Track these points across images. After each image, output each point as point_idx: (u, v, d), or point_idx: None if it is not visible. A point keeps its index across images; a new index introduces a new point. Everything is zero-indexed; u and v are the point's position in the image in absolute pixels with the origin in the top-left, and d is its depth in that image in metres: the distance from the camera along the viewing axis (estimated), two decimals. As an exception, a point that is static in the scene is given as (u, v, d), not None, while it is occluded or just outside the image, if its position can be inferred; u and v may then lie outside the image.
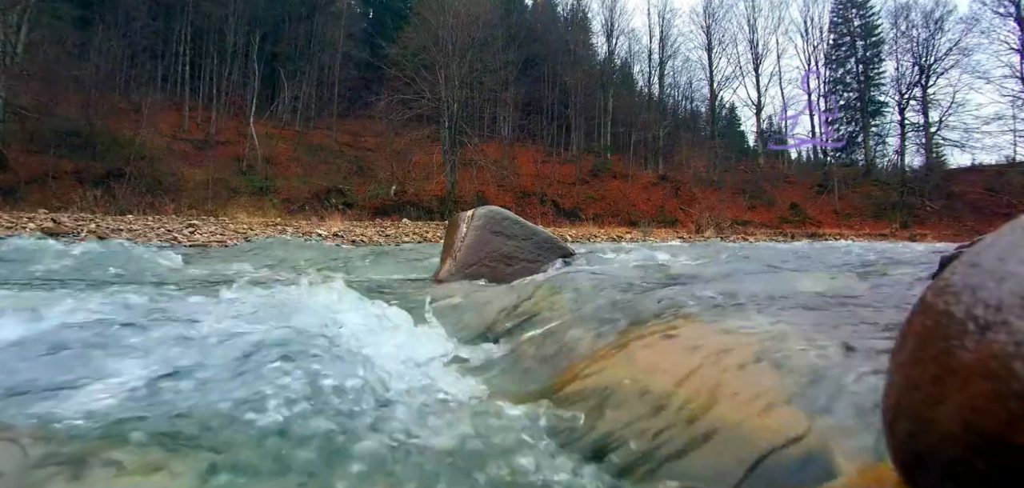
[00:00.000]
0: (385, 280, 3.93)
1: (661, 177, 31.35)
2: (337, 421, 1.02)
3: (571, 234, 16.10)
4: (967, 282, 0.48)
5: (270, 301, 1.99)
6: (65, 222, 10.05)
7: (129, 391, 1.12)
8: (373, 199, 23.24)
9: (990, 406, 0.41)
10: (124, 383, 1.16)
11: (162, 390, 1.13)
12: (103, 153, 19.95)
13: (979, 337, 0.44)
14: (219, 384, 1.15)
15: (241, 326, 1.60)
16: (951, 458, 0.44)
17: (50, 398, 1.07)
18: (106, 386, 1.14)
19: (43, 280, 3.33)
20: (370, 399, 1.16)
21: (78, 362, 1.27)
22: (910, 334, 0.52)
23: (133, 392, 1.12)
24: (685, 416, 0.96)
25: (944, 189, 28.51)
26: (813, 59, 35.41)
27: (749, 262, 4.03)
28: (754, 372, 1.02)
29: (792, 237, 20.22)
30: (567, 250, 3.79)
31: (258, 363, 1.26)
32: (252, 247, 7.22)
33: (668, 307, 1.62)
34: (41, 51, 20.09)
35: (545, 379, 1.39)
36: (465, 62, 25.09)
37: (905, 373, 0.50)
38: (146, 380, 1.17)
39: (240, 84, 28.71)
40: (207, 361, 1.29)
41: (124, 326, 1.57)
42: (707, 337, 1.23)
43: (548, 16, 38.58)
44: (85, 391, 1.11)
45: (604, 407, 1.09)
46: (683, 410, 0.97)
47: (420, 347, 1.74)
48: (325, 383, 1.19)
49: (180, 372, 1.22)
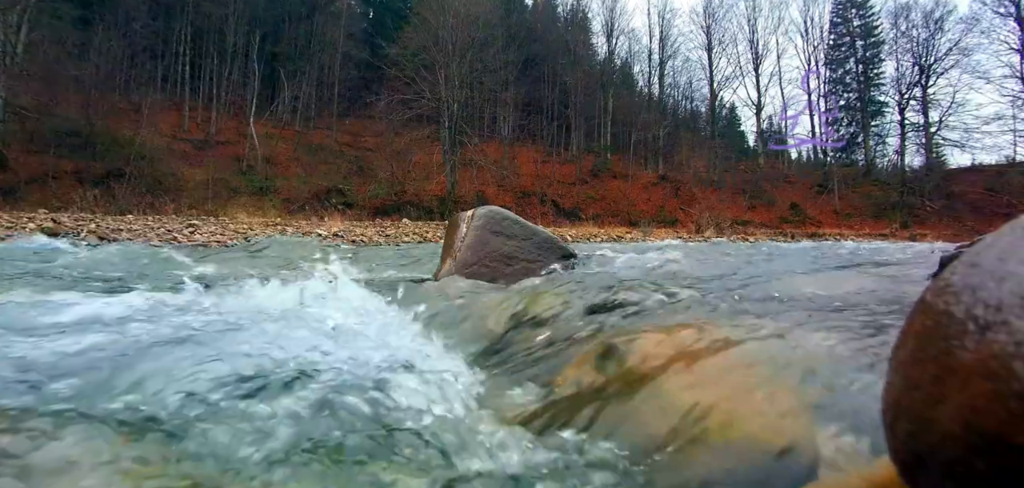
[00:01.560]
0: (385, 280, 3.93)
1: (661, 177, 31.37)
2: (337, 420, 1.02)
3: (571, 234, 16.11)
4: (967, 282, 0.48)
5: (246, 304, 1.99)
6: (65, 222, 10.05)
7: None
8: (373, 199, 23.25)
9: (990, 406, 0.41)
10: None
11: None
12: (103, 153, 19.97)
13: (979, 337, 0.44)
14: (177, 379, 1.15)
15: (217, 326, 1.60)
16: (951, 458, 0.44)
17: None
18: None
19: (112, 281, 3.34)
20: (370, 398, 1.15)
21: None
22: (910, 334, 0.52)
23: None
24: (685, 417, 0.96)
25: (944, 189, 28.54)
26: (813, 59, 35.48)
27: (749, 262, 4.04)
28: (755, 372, 1.02)
29: (792, 237, 20.22)
30: (567, 250, 3.79)
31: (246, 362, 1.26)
32: (251, 248, 7.23)
33: (668, 307, 1.62)
34: (41, 51, 20.11)
35: (544, 379, 1.39)
36: (465, 62, 25.11)
37: (905, 373, 0.50)
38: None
39: (240, 84, 28.74)
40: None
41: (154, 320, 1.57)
42: (708, 337, 1.23)
43: (548, 16, 38.62)
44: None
45: (603, 408, 1.09)
46: (683, 411, 0.97)
47: (419, 347, 1.74)
48: (324, 382, 1.19)
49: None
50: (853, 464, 0.75)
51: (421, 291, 2.74)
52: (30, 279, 3.33)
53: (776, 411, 0.89)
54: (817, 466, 0.77)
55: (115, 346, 1.43)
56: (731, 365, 1.06)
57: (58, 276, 3.61)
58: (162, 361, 1.28)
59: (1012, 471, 0.40)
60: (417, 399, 1.21)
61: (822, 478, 0.76)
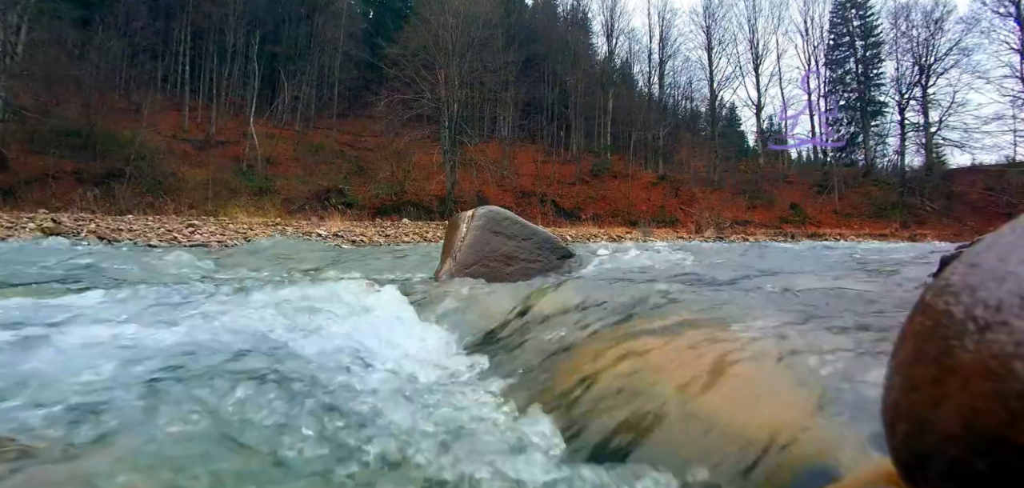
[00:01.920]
0: (385, 280, 3.92)
1: (661, 177, 31.34)
2: (335, 419, 1.02)
3: (571, 234, 16.10)
4: (967, 282, 0.48)
5: (237, 312, 1.99)
6: (65, 222, 10.04)
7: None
8: (373, 199, 23.24)
9: (990, 406, 0.40)
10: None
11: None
12: (103, 153, 19.95)
13: (979, 337, 0.43)
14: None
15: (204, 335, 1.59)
16: (951, 458, 0.43)
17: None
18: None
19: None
20: (368, 397, 1.15)
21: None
22: (910, 334, 0.52)
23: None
24: (684, 416, 0.96)
25: (944, 189, 28.52)
26: (813, 59, 35.46)
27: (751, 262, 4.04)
28: (755, 371, 1.02)
29: (792, 237, 20.21)
30: (567, 250, 3.79)
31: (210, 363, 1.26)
32: (250, 248, 7.21)
33: (668, 307, 1.62)
34: (41, 51, 20.09)
35: (543, 379, 1.39)
36: (465, 62, 25.09)
37: (905, 373, 0.50)
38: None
39: (240, 84, 28.73)
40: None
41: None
42: (708, 336, 1.23)
43: (548, 16, 38.60)
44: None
45: (601, 407, 1.09)
46: (682, 410, 0.97)
47: (418, 347, 1.74)
48: (323, 380, 1.19)
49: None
50: (853, 464, 0.75)
51: (421, 291, 2.74)
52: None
53: (776, 410, 0.89)
54: (817, 466, 0.77)
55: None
56: (733, 363, 1.06)
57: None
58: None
59: (1012, 471, 0.39)
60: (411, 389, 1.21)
61: (822, 478, 0.76)
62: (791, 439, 0.82)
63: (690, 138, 35.18)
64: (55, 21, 20.91)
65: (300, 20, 31.58)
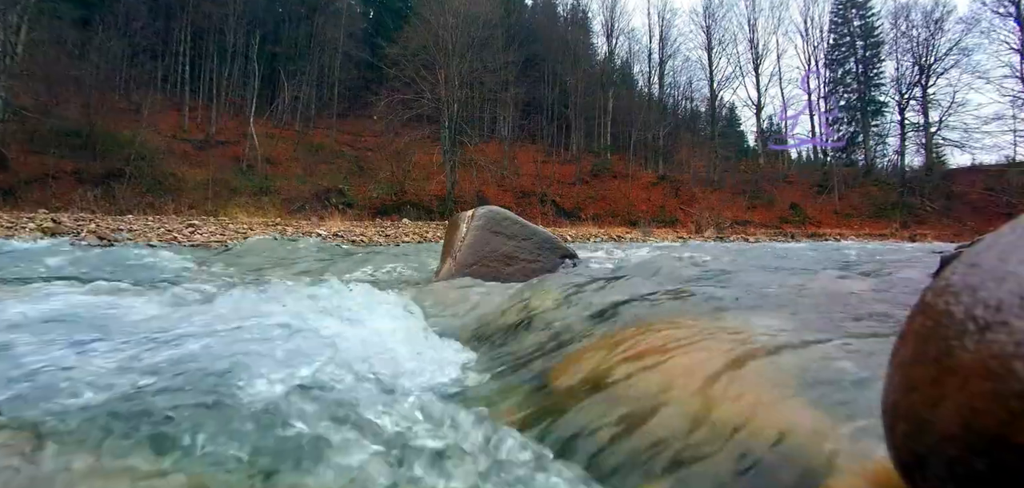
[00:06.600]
0: (385, 280, 3.93)
1: (661, 177, 31.35)
2: (335, 419, 1.02)
3: (571, 234, 16.10)
4: (967, 282, 0.48)
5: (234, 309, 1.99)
6: (65, 222, 10.05)
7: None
8: (373, 199, 23.25)
9: (990, 406, 0.41)
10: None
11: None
12: (103, 153, 19.96)
13: (979, 337, 0.43)
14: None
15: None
16: (951, 458, 0.43)
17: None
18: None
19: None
20: (367, 396, 1.15)
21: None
22: (910, 334, 0.52)
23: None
24: (682, 415, 0.96)
25: (944, 189, 28.54)
26: (813, 59, 35.48)
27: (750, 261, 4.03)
28: (754, 370, 1.02)
29: (792, 237, 20.21)
30: (567, 250, 3.79)
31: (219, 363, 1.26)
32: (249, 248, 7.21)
33: (668, 306, 1.62)
34: (41, 51, 20.09)
35: (543, 379, 1.39)
36: (465, 62, 25.10)
37: (905, 373, 0.50)
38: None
39: (240, 84, 28.75)
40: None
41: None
42: (707, 336, 1.23)
43: (548, 16, 38.61)
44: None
45: (600, 407, 1.09)
46: (680, 410, 0.97)
47: (417, 347, 1.74)
48: (321, 380, 1.19)
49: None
50: (852, 464, 0.74)
51: (421, 291, 2.74)
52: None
53: (776, 410, 0.89)
54: (817, 466, 0.77)
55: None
56: (734, 363, 1.06)
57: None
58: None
59: (1012, 471, 0.40)
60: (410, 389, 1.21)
61: (822, 478, 0.76)
62: (791, 439, 0.82)
63: (690, 138, 35.19)
64: (55, 21, 20.92)
65: (300, 20, 31.60)
